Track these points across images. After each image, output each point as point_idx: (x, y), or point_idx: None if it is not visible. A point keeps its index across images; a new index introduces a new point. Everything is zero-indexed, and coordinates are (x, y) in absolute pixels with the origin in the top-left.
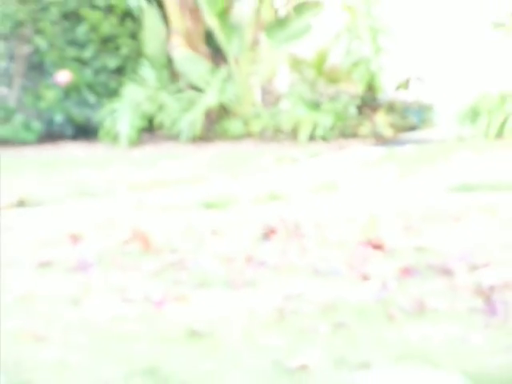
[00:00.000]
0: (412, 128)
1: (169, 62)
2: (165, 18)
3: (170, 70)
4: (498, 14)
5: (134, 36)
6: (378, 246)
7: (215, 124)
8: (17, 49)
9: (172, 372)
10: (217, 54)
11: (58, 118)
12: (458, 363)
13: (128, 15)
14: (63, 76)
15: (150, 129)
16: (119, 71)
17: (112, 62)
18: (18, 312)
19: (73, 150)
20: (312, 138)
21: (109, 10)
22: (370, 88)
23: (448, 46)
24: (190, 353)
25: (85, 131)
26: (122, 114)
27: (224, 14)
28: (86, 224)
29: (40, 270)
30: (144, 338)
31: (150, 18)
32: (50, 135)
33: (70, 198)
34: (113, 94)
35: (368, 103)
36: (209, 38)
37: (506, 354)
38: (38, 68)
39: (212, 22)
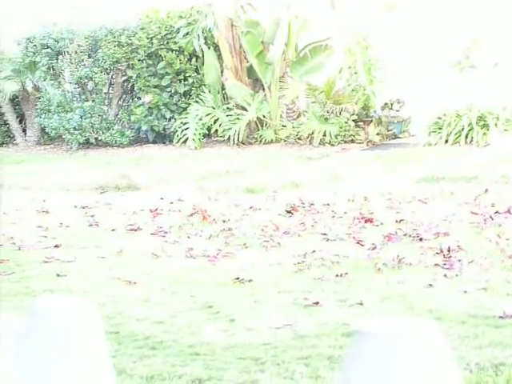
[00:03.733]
0: (394, 137)
1: (222, 89)
2: (219, 57)
3: (222, 95)
4: (455, 52)
5: (197, 70)
6: (368, 220)
7: (254, 132)
8: (114, 78)
9: (222, 307)
10: (255, 83)
11: (144, 127)
12: (425, 303)
13: (194, 55)
14: (147, 98)
15: (208, 135)
16: (187, 95)
17: (182, 89)
18: (116, 263)
19: (154, 151)
20: (322, 143)
21: (180, 51)
22: (365, 107)
23: (420, 76)
24: (235, 294)
25: (163, 137)
26: (189, 125)
27: (261, 55)
28: (162, 202)
29: (130, 234)
30: (202, 283)
31: (209, 58)
32: (138, 140)
33: (152, 184)
34: (182, 111)
35: (363, 118)
36: (250, 72)
37: (461, 297)
38: (129, 92)
39: (252, 60)
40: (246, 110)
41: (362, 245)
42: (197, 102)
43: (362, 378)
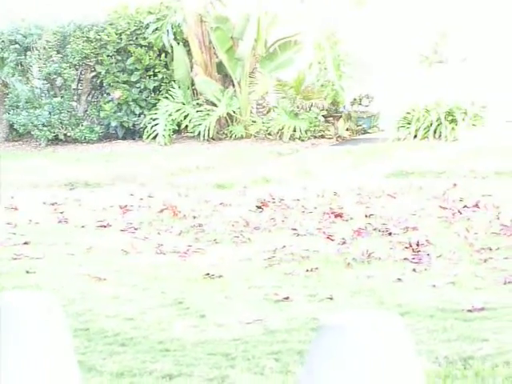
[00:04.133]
0: (363, 132)
1: (192, 85)
2: (189, 53)
3: (192, 91)
4: (424, 47)
5: (167, 66)
6: (338, 215)
7: (224, 128)
8: (83, 74)
9: (192, 303)
10: (225, 79)
11: (113, 123)
12: (394, 297)
13: (163, 51)
14: (116, 94)
15: (178, 131)
16: (156, 91)
17: (151, 84)
18: (85, 260)
19: (124, 147)
20: (292, 138)
21: (149, 47)
22: (334, 103)
23: (389, 71)
24: (205, 290)
25: (132, 133)
26: (158, 121)
27: (230, 51)
28: (132, 198)
29: (100, 230)
30: (173, 279)
31: (179, 53)
32: (108, 136)
33: (121, 181)
34: (152, 107)
35: (332, 113)
36: (220, 67)
37: (430, 291)
38: (98, 88)
39: (222, 56)
40: (215, 105)
41: (332, 240)
42: (166, 97)
43: (324, 371)
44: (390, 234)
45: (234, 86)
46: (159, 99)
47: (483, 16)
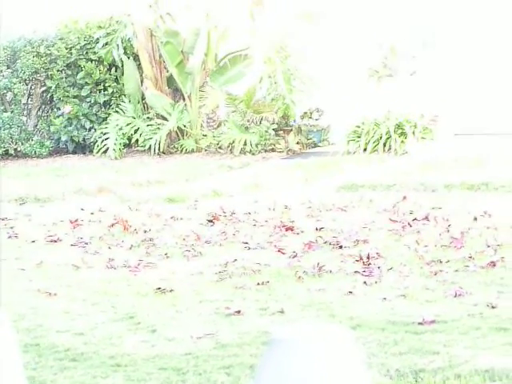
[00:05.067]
0: (314, 145)
1: (142, 99)
2: (139, 67)
3: (143, 105)
4: (373, 61)
5: (117, 80)
6: (289, 228)
7: (174, 142)
8: (33, 89)
9: (143, 318)
10: (176, 93)
11: (64, 138)
12: (346, 310)
13: (113, 65)
14: (67, 109)
15: (129, 145)
16: (107, 105)
17: (101, 99)
18: (36, 275)
19: (74, 161)
20: (243, 152)
21: (99, 61)
22: (284, 116)
23: (339, 85)
24: (156, 304)
25: (83, 148)
26: (109, 135)
27: (181, 65)
28: (82, 213)
29: (50, 245)
30: (123, 294)
31: (129, 67)
32: (58, 151)
33: (71, 195)
34: (102, 121)
35: (283, 127)
36: (170, 81)
37: (380, 303)
38: (49, 103)
39: (172, 70)
40: (166, 119)
41: (283, 253)
42: (117, 111)
43: None
44: (340, 247)
45: (184, 99)
46: (109, 113)
47: (431, 29)
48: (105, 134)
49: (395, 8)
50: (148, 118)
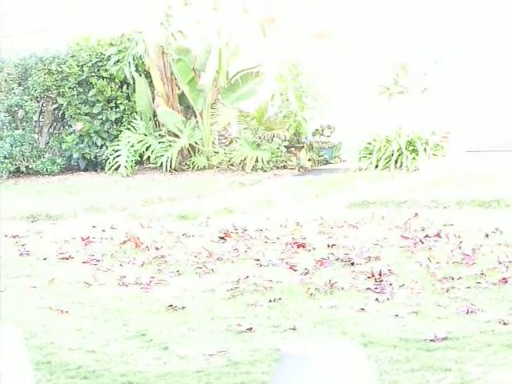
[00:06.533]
0: (325, 162)
1: (154, 116)
2: (151, 84)
3: (154, 122)
4: (384, 78)
5: (128, 97)
6: (301, 245)
7: (186, 159)
8: (45, 106)
9: (155, 335)
10: (187, 110)
11: (75, 155)
12: (358, 327)
13: (125, 82)
14: (78, 126)
15: (141, 163)
16: (118, 122)
17: (113, 116)
18: (47, 292)
19: (86, 179)
20: (255, 169)
21: (111, 78)
22: (296, 133)
23: (351, 102)
24: (168, 321)
25: (94, 165)
26: (120, 152)
27: (192, 82)
28: (94, 230)
29: (62, 262)
30: (135, 311)
31: (140, 85)
32: (70, 168)
33: (83, 213)
34: (114, 138)
35: (294, 144)
36: (181, 99)
37: (392, 320)
38: (60, 120)
39: (184, 87)
40: (178, 136)
41: (295, 270)
42: (128, 129)
43: None
44: (352, 263)
45: (196, 117)
46: (121, 131)
47: (442, 46)
48: (116, 151)
49: (406, 25)
50: (160, 135)
